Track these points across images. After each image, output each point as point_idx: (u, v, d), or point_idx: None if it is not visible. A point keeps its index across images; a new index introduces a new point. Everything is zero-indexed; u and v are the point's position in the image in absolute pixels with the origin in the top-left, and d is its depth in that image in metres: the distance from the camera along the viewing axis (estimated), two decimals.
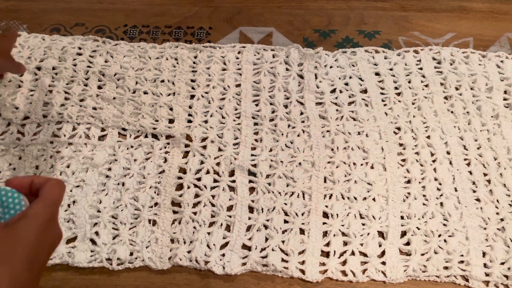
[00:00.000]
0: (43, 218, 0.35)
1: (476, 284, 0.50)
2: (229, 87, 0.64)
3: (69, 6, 0.75)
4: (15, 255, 0.33)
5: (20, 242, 0.34)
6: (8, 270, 0.33)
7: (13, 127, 0.60)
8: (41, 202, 0.36)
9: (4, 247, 0.33)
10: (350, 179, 0.56)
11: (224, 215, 0.54)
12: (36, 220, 0.35)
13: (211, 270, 0.50)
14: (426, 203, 0.55)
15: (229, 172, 0.57)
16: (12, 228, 0.34)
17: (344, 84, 0.65)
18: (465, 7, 0.75)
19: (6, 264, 0.33)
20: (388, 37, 0.71)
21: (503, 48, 0.70)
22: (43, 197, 0.36)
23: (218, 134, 0.60)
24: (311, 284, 0.50)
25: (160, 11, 0.75)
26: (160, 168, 0.57)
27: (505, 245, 0.52)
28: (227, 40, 0.71)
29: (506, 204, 0.55)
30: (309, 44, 0.70)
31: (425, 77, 0.66)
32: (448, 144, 0.59)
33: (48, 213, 0.36)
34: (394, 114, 0.62)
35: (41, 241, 0.35)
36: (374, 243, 0.52)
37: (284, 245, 0.52)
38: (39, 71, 0.65)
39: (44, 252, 0.36)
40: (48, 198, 0.36)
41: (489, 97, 0.64)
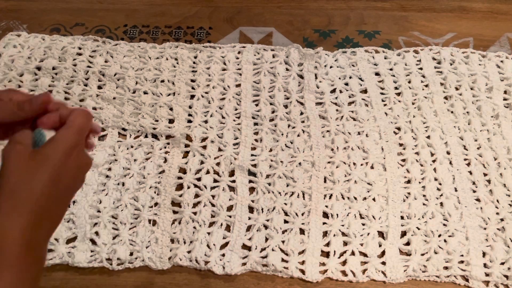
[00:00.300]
0: (68, 142, 0.36)
1: (476, 284, 0.50)
2: (229, 87, 0.64)
3: (69, 6, 0.75)
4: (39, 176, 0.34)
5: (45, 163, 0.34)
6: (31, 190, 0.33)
7: None
8: (67, 128, 0.37)
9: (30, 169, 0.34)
10: (350, 179, 0.56)
11: (224, 215, 0.54)
12: (62, 144, 0.35)
13: (211, 270, 0.50)
14: (426, 203, 0.55)
15: (229, 172, 0.57)
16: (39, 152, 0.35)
17: (344, 84, 0.65)
18: (465, 7, 0.75)
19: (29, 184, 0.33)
20: (388, 37, 0.71)
21: (503, 48, 0.70)
22: (69, 124, 0.37)
23: (218, 134, 0.60)
24: (311, 284, 0.50)
25: (160, 11, 0.75)
26: (160, 168, 0.57)
27: (505, 245, 0.52)
28: (227, 40, 0.71)
29: (506, 204, 0.55)
30: (309, 44, 0.70)
31: (425, 77, 0.66)
32: (448, 144, 0.59)
33: (73, 138, 0.36)
34: (394, 114, 0.62)
35: (66, 164, 0.35)
36: (374, 243, 0.52)
37: (284, 245, 0.52)
38: (39, 71, 0.65)
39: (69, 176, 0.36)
40: (74, 125, 0.37)
41: (489, 97, 0.64)
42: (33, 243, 0.34)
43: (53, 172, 0.35)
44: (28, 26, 0.72)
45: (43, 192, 0.34)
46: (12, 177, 0.34)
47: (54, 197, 0.35)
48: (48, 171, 0.34)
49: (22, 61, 0.66)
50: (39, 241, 0.35)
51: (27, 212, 0.33)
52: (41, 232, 0.35)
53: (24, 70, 0.65)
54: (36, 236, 0.34)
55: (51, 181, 0.34)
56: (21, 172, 0.34)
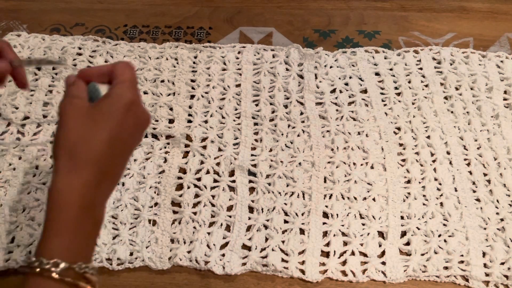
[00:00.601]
0: (126, 98, 0.35)
1: (476, 284, 0.50)
2: (229, 87, 0.64)
3: (69, 6, 0.75)
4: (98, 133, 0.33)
5: (104, 120, 0.34)
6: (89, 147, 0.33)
7: (13, 127, 0.60)
8: (121, 83, 0.36)
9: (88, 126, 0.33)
10: (350, 179, 0.56)
11: (224, 215, 0.54)
12: (120, 100, 0.35)
13: (211, 270, 0.50)
14: (426, 203, 0.55)
15: (229, 172, 0.57)
16: (97, 109, 0.34)
17: (344, 84, 0.65)
18: (465, 7, 0.75)
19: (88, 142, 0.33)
20: (388, 37, 0.71)
21: (503, 48, 0.70)
22: (120, 78, 0.36)
23: (218, 134, 0.60)
24: (311, 284, 0.50)
25: (160, 11, 0.75)
26: (160, 168, 0.57)
27: (505, 245, 0.52)
28: (227, 40, 0.71)
29: (506, 204, 0.55)
30: (309, 44, 0.70)
31: (425, 77, 0.66)
32: (448, 144, 0.59)
33: (130, 93, 0.35)
34: (394, 114, 0.62)
35: (125, 121, 0.34)
36: (374, 243, 0.52)
37: (284, 245, 0.52)
38: (39, 71, 0.65)
39: (128, 133, 0.35)
40: (126, 79, 0.36)
41: (489, 97, 0.64)
42: (92, 205, 0.33)
43: (113, 130, 0.34)
44: (28, 26, 0.72)
45: (103, 151, 0.33)
46: (71, 135, 0.33)
47: (113, 156, 0.34)
48: (108, 128, 0.34)
49: None
50: (97, 202, 0.34)
51: (86, 172, 0.32)
52: (99, 193, 0.34)
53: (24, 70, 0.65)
54: (94, 197, 0.33)
55: (111, 139, 0.33)
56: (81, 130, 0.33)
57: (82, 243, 0.33)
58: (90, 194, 0.33)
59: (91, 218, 0.33)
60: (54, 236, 0.31)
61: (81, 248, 0.33)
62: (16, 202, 0.54)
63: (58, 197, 0.31)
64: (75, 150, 0.32)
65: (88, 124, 0.33)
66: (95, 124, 0.34)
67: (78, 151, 0.32)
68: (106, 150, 0.33)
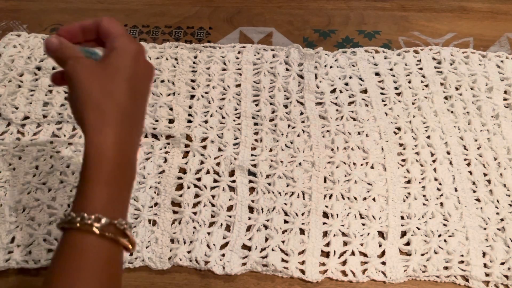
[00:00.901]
0: (132, 49, 0.35)
1: (476, 284, 0.50)
2: (229, 87, 0.64)
3: (69, 6, 0.75)
4: (117, 87, 0.33)
5: (118, 73, 0.34)
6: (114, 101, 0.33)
7: (13, 127, 0.60)
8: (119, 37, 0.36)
9: (105, 81, 0.33)
10: (350, 179, 0.56)
11: (224, 215, 0.54)
12: (126, 52, 0.35)
13: (211, 270, 0.50)
14: (426, 203, 0.55)
15: (229, 172, 0.57)
16: (108, 64, 0.34)
17: (344, 84, 0.65)
18: (465, 7, 0.75)
19: (111, 96, 0.33)
20: (388, 37, 0.71)
21: (503, 48, 0.70)
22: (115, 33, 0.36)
23: (218, 134, 0.60)
24: (311, 284, 0.50)
25: (160, 11, 0.75)
26: (160, 168, 0.57)
27: (505, 245, 0.52)
28: (227, 40, 0.71)
29: (506, 204, 0.55)
30: (309, 44, 0.70)
31: (425, 77, 0.66)
32: (448, 144, 0.59)
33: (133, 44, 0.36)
34: (394, 114, 0.62)
35: (137, 71, 0.35)
36: (374, 243, 0.52)
37: (284, 245, 0.52)
38: (39, 71, 0.65)
39: (142, 82, 0.36)
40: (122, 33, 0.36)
41: (489, 97, 0.64)
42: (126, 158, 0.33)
43: (129, 81, 0.34)
44: (28, 26, 0.72)
45: (126, 103, 0.33)
46: (93, 92, 0.33)
47: (135, 106, 0.34)
48: (125, 80, 0.34)
49: (22, 61, 0.66)
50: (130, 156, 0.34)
51: (118, 125, 0.33)
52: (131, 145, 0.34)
53: (24, 70, 0.65)
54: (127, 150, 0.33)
55: (130, 89, 0.34)
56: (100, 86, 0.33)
57: (119, 199, 0.33)
58: (124, 147, 0.33)
59: (127, 173, 0.34)
60: (94, 192, 0.31)
61: (119, 205, 0.33)
62: (16, 202, 0.54)
63: (95, 153, 0.32)
64: (102, 105, 0.32)
65: (105, 79, 0.33)
66: (112, 78, 0.34)
67: (105, 106, 0.33)
68: (129, 101, 0.34)
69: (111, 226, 0.32)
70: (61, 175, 0.56)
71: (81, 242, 0.31)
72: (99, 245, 0.31)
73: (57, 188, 0.55)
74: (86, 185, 0.32)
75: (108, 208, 0.32)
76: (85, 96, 0.33)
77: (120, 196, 0.33)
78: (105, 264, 0.32)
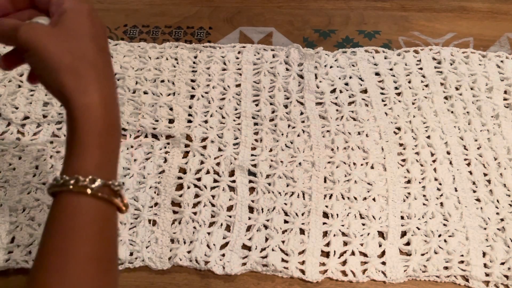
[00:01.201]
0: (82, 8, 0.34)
1: (476, 284, 0.50)
2: (229, 87, 0.64)
3: None
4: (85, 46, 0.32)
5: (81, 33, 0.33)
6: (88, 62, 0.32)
7: (13, 127, 0.60)
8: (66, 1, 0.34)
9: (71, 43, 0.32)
10: (350, 179, 0.56)
11: (224, 215, 0.54)
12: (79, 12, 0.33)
13: (211, 270, 0.50)
14: (426, 203, 0.55)
15: (229, 172, 0.57)
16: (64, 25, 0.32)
17: (344, 84, 0.65)
18: (465, 7, 0.75)
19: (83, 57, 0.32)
20: (388, 37, 0.71)
21: (503, 48, 0.70)
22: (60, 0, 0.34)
23: (218, 134, 0.60)
24: (311, 284, 0.50)
25: (160, 11, 0.75)
26: (160, 168, 0.57)
27: (505, 245, 0.52)
28: (227, 40, 0.71)
29: (506, 204, 0.55)
30: (309, 44, 0.70)
31: (425, 77, 0.66)
32: (448, 144, 0.59)
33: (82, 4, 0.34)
34: (394, 114, 0.62)
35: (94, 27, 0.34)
36: (374, 243, 0.52)
37: (284, 245, 0.52)
38: None
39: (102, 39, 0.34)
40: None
41: (489, 97, 0.64)
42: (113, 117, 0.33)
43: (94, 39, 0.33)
44: None
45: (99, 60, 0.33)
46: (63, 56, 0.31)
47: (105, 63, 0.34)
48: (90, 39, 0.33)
49: None
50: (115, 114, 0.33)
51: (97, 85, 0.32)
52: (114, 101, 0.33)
53: (24, 70, 0.65)
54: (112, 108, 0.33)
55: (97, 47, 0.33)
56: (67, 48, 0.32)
57: (111, 160, 0.33)
58: (109, 106, 0.32)
59: (115, 134, 0.33)
60: (86, 153, 0.31)
61: (111, 166, 0.33)
62: (16, 202, 0.54)
63: (83, 115, 0.31)
64: (78, 67, 0.31)
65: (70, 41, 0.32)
66: (76, 38, 0.32)
67: (81, 68, 0.32)
68: (100, 59, 0.33)
69: (106, 188, 0.31)
70: None
71: (75, 204, 0.31)
72: (94, 207, 0.31)
73: None
74: (77, 148, 0.31)
75: (101, 169, 0.31)
76: (55, 62, 0.31)
77: (111, 157, 0.33)
78: (100, 225, 0.31)
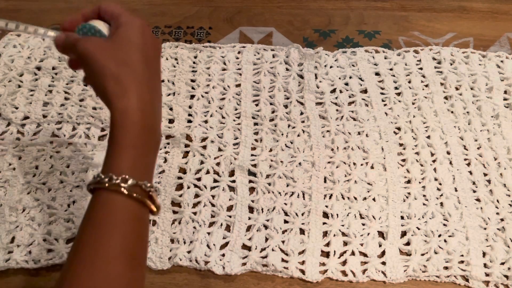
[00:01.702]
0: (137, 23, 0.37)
1: (476, 284, 0.50)
2: (229, 87, 0.64)
3: (69, 6, 0.75)
4: (130, 56, 0.35)
5: (129, 44, 0.36)
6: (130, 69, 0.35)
7: (13, 127, 0.60)
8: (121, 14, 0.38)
9: (118, 52, 0.35)
10: (350, 179, 0.56)
11: (224, 215, 0.54)
12: (133, 26, 0.37)
13: (211, 270, 0.50)
14: (426, 203, 0.55)
15: (229, 172, 0.57)
16: (116, 37, 0.36)
17: (344, 84, 0.65)
18: (465, 7, 0.75)
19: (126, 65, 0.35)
20: (388, 37, 0.71)
21: (503, 48, 0.70)
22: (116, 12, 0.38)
23: (218, 134, 0.60)
24: (311, 284, 0.50)
25: (160, 11, 0.75)
26: (160, 168, 0.57)
27: (505, 245, 0.52)
28: (227, 40, 0.71)
29: (506, 204, 0.55)
30: (309, 44, 0.70)
31: (425, 77, 0.66)
32: (448, 144, 0.59)
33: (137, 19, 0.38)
34: (394, 114, 0.62)
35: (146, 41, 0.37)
36: (374, 243, 0.52)
37: (284, 245, 0.52)
38: (39, 71, 0.65)
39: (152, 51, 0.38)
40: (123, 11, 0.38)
41: (489, 97, 0.64)
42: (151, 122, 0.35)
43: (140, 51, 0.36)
44: None
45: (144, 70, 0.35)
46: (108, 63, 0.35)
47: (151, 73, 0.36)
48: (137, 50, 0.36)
49: (22, 61, 0.66)
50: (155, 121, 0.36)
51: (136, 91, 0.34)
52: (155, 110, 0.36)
53: (24, 70, 0.65)
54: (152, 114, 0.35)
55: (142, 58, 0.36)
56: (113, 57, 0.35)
57: (145, 162, 0.35)
58: (147, 111, 0.35)
59: (151, 137, 0.36)
60: (121, 154, 0.33)
61: (145, 168, 0.35)
62: (16, 202, 0.54)
63: (121, 117, 0.34)
64: (120, 74, 0.34)
65: (117, 51, 0.35)
66: (124, 49, 0.36)
67: (123, 74, 0.35)
68: (145, 68, 0.36)
69: (137, 188, 0.34)
70: (61, 175, 0.56)
71: (109, 201, 0.33)
72: (126, 205, 0.33)
73: (57, 188, 0.55)
74: (114, 148, 0.34)
75: (134, 169, 0.34)
76: (101, 68, 0.35)
77: (146, 159, 0.35)
78: (132, 222, 0.34)
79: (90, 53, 0.35)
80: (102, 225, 0.33)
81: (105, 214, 0.33)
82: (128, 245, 0.33)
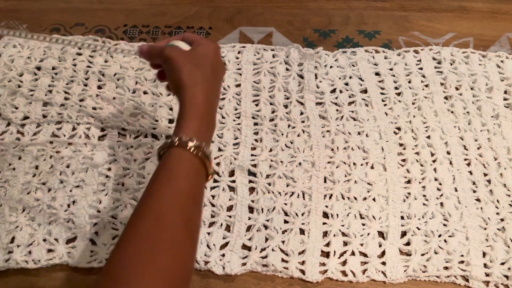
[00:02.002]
0: (213, 45, 0.48)
1: (476, 284, 0.50)
2: (229, 87, 0.64)
3: (69, 6, 0.75)
4: (203, 65, 0.47)
5: (204, 58, 0.47)
6: (201, 72, 0.46)
7: (13, 127, 0.60)
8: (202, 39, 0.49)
9: (195, 60, 0.47)
10: (350, 179, 0.56)
11: (224, 215, 0.54)
12: (209, 47, 0.48)
13: (211, 270, 0.50)
14: (426, 203, 0.55)
15: (229, 172, 0.57)
16: (195, 51, 0.48)
17: (344, 84, 0.65)
18: (465, 7, 0.75)
19: (199, 69, 0.46)
20: (388, 37, 0.71)
21: (503, 48, 0.70)
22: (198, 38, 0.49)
23: (218, 134, 0.60)
24: (311, 284, 0.50)
25: (160, 11, 0.75)
26: None
27: (505, 245, 0.52)
28: (227, 40, 0.71)
29: (506, 204, 0.55)
30: (309, 44, 0.70)
31: (425, 77, 0.66)
32: (448, 144, 0.59)
33: (213, 43, 0.49)
34: (394, 114, 0.62)
35: (216, 59, 0.48)
36: (374, 243, 0.52)
37: (284, 245, 0.51)
38: (39, 71, 0.65)
39: (219, 69, 0.49)
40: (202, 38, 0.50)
41: (489, 97, 0.64)
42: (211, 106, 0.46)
43: (211, 65, 0.47)
44: (28, 26, 0.72)
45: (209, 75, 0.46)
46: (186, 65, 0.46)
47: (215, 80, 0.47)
48: (208, 63, 0.47)
49: (22, 61, 0.66)
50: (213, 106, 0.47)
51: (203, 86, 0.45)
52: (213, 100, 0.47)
53: (24, 70, 0.65)
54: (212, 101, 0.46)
55: (211, 69, 0.47)
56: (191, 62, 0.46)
57: (206, 131, 0.45)
58: (209, 101, 0.45)
59: (210, 121, 0.46)
60: (189, 122, 0.43)
61: (206, 136, 0.44)
62: (16, 202, 0.54)
63: (190, 100, 0.44)
64: (193, 73, 0.46)
65: (194, 60, 0.47)
66: (199, 60, 0.47)
67: (196, 73, 0.46)
68: (211, 73, 0.47)
69: (200, 149, 0.42)
70: (61, 175, 0.56)
71: (178, 154, 0.41)
72: (192, 160, 0.41)
73: (57, 188, 0.55)
74: (183, 121, 0.43)
75: (198, 135, 0.42)
76: (181, 66, 0.46)
77: (207, 132, 0.45)
78: (194, 177, 0.42)
79: (174, 56, 0.46)
80: (172, 171, 0.41)
81: (175, 164, 0.41)
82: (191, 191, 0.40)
